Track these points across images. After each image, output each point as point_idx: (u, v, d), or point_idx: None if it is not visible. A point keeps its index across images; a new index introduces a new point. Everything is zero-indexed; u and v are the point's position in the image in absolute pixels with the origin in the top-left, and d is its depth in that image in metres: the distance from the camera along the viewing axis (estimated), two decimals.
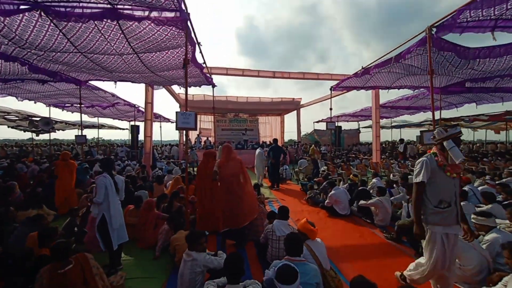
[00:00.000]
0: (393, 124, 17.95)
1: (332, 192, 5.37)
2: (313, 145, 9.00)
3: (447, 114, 11.88)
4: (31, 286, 2.30)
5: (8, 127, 14.17)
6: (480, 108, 8.85)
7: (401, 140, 12.18)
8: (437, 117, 5.82)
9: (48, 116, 11.05)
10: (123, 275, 3.02)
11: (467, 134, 18.80)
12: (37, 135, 14.16)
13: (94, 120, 15.76)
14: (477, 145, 19.27)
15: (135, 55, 4.67)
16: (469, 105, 9.02)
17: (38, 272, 2.33)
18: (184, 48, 4.03)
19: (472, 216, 3.22)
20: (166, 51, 4.60)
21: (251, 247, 3.92)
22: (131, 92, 15.37)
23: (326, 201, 5.51)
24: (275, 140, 8.78)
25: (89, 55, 4.61)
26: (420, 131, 4.55)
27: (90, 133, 27.92)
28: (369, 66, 5.91)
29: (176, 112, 3.85)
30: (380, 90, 11.06)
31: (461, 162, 2.23)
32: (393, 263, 3.46)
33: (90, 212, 4.15)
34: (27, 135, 16.34)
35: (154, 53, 4.62)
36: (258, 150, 9.03)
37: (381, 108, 11.70)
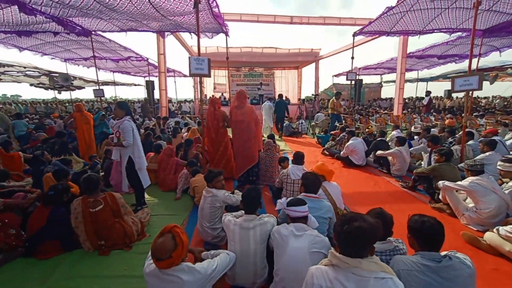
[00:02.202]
0: (420, 77, 16.60)
1: (350, 142, 5.28)
2: (333, 97, 8.53)
3: (486, 61, 10.52)
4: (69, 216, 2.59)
5: (31, 85, 14.65)
6: None
7: (427, 92, 11.30)
8: (473, 66, 5.19)
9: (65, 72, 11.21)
10: (148, 211, 3.32)
11: (505, 88, 17.14)
12: (60, 93, 14.58)
13: (110, 76, 15.86)
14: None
15: None
16: None
17: (72, 204, 2.59)
18: None
19: (499, 162, 3.08)
20: None
21: (267, 191, 4.09)
22: (143, 48, 14.93)
23: (342, 151, 5.47)
24: (280, 96, 9.69)
25: None
26: (452, 77, 4.13)
27: (107, 92, 28.36)
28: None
29: (189, 57, 3.71)
30: (409, 38, 9.97)
31: None
32: (407, 208, 3.50)
33: (107, 159, 4.44)
34: (51, 94, 16.93)
35: None
36: (266, 103, 9.40)
37: (408, 58, 10.67)
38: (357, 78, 12.50)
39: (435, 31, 6.95)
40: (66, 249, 2.58)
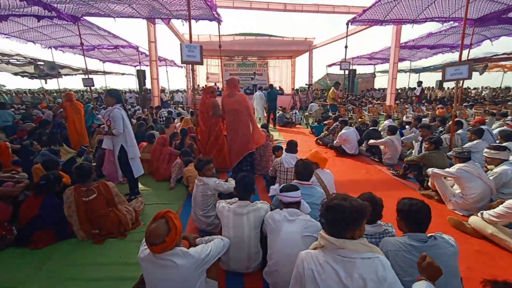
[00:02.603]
0: (412, 68, 16.72)
1: (342, 131, 5.34)
2: (333, 87, 8.47)
3: (477, 52, 10.67)
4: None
5: (15, 74, 14.09)
6: None
7: (419, 83, 11.42)
8: (464, 57, 5.21)
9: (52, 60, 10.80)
10: (143, 201, 3.30)
11: (494, 79, 17.45)
12: (46, 82, 14.11)
13: (100, 65, 15.39)
14: (500, 89, 17.97)
15: None
16: (507, 37, 7.96)
17: (64, 193, 2.56)
18: None
19: (485, 150, 3.17)
20: None
21: (260, 180, 4.12)
22: (133, 36, 14.49)
23: (335, 140, 5.52)
24: (271, 86, 9.85)
25: None
26: (443, 65, 4.18)
27: (97, 82, 27.52)
28: None
29: (181, 44, 3.63)
30: (402, 28, 9.96)
31: None
32: (397, 194, 3.51)
33: (100, 149, 4.39)
34: (37, 84, 16.40)
35: None
36: (257, 93, 9.47)
37: (401, 49, 10.69)
38: (350, 68, 12.50)
39: (428, 20, 6.94)
40: (60, 238, 2.57)
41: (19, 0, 4.60)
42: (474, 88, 20.22)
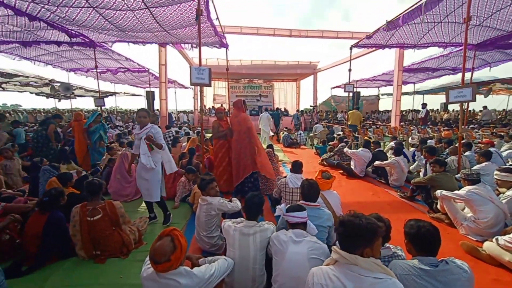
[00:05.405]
0: (416, 90, 16.93)
1: (359, 150, 5.38)
2: (355, 110, 8.75)
3: (480, 75, 10.86)
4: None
5: (31, 93, 14.77)
6: None
7: (423, 105, 11.50)
8: (467, 80, 5.31)
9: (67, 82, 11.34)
10: (146, 220, 3.28)
11: (500, 101, 17.48)
12: (59, 101, 14.69)
13: (111, 87, 16.04)
14: (505, 111, 17.93)
15: (146, 10, 4.53)
16: (505, 64, 8.13)
17: (71, 210, 2.56)
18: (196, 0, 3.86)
19: (495, 172, 3.11)
20: (178, 5, 4.42)
21: (265, 200, 4.06)
22: (145, 60, 15.24)
23: (351, 151, 5.50)
24: (277, 109, 11.21)
25: (100, 10, 4.51)
26: (446, 88, 4.23)
27: (108, 102, 28.45)
28: (397, 17, 5.39)
29: (190, 67, 3.81)
30: (404, 51, 10.27)
31: None
32: (405, 217, 3.42)
33: (108, 167, 4.43)
34: (51, 103, 17.06)
35: (166, 7, 4.46)
36: (264, 114, 9.83)
37: (404, 72, 10.93)
38: (354, 91, 12.73)
39: (429, 45, 7.16)
40: (61, 257, 2.53)
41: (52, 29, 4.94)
42: (480, 111, 20.17)
